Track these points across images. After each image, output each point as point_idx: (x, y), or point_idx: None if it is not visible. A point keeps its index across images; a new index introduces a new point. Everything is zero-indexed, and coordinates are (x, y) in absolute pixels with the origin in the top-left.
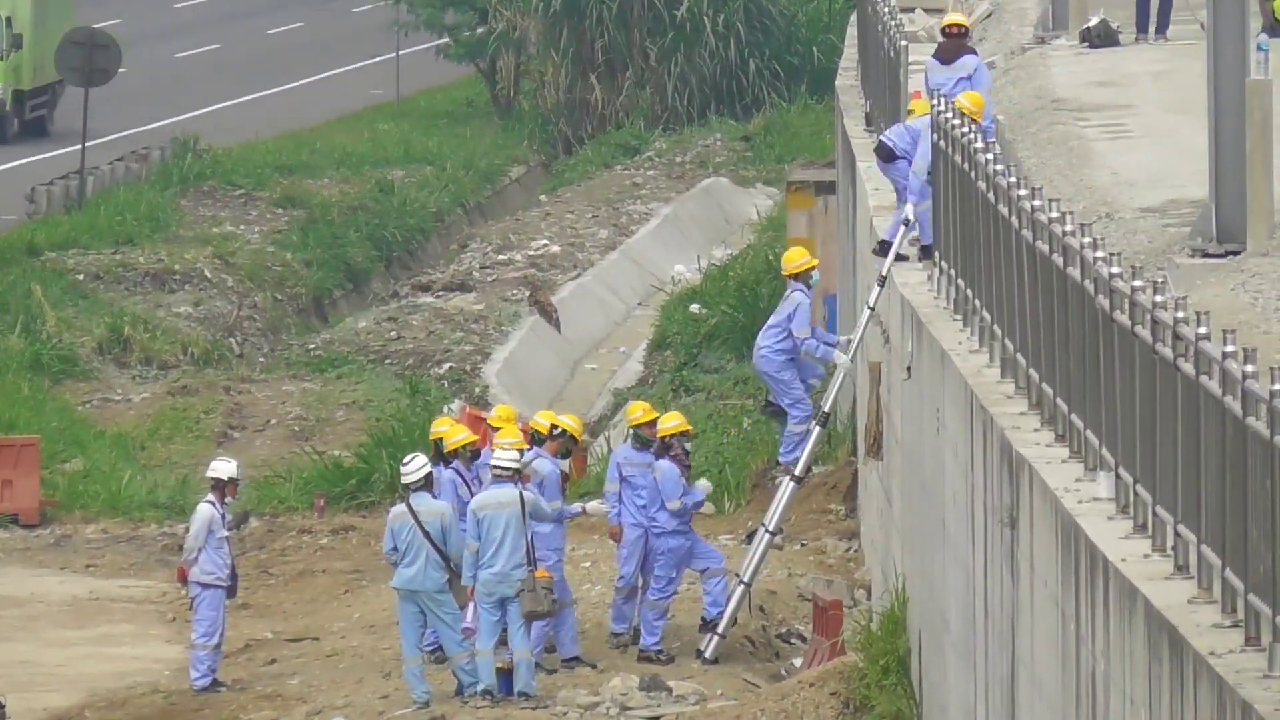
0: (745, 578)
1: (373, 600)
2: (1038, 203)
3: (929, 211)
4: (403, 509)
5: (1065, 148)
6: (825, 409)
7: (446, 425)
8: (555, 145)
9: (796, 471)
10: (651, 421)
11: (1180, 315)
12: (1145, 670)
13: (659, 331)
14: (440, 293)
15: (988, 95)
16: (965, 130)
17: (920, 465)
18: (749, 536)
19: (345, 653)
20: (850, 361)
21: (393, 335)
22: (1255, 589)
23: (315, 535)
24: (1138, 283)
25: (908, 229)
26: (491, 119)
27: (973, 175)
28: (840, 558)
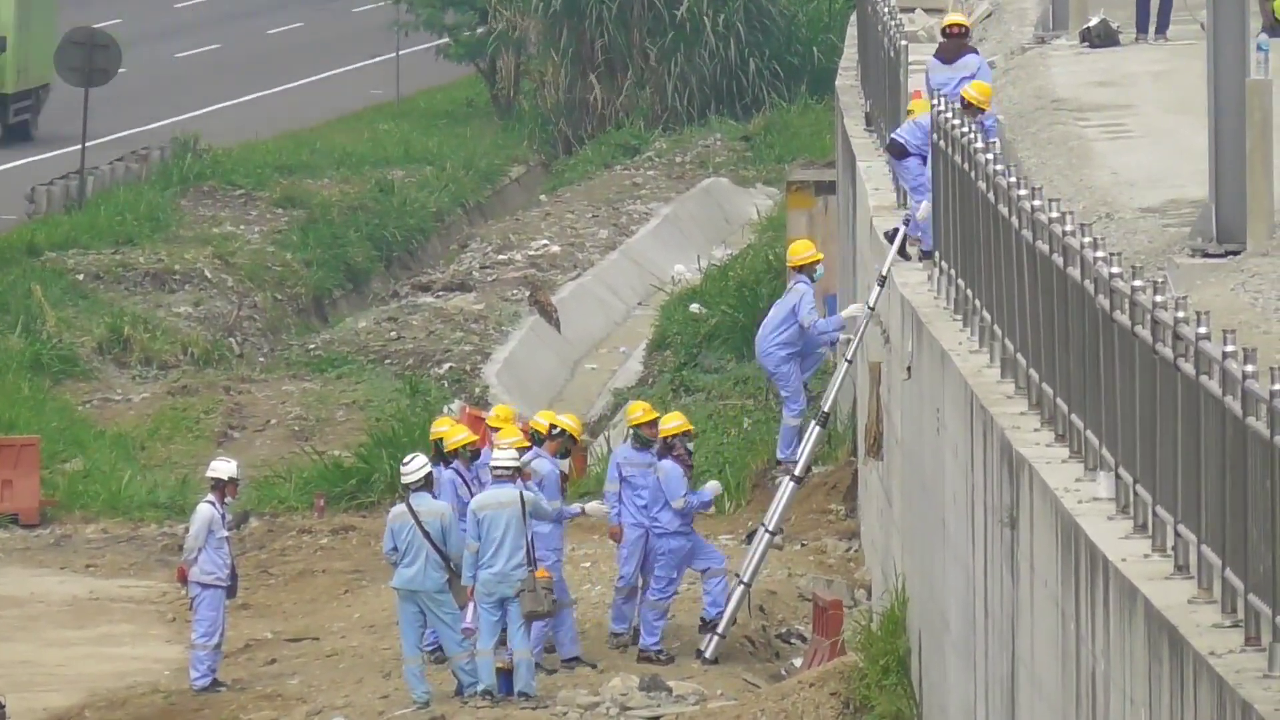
0: (745, 578)
1: (373, 600)
2: (1038, 203)
3: (930, 214)
4: (403, 509)
5: (1065, 148)
6: (825, 409)
7: (446, 425)
8: (555, 145)
9: (796, 472)
10: (651, 421)
11: (1180, 315)
12: (1145, 670)
13: (659, 331)
14: (440, 293)
15: None
16: (965, 130)
17: (920, 465)
18: (749, 536)
19: (345, 653)
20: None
21: (393, 335)
22: (1255, 589)
23: (315, 535)
24: (1138, 283)
25: (908, 228)
26: (491, 119)
27: (973, 175)
28: (840, 558)
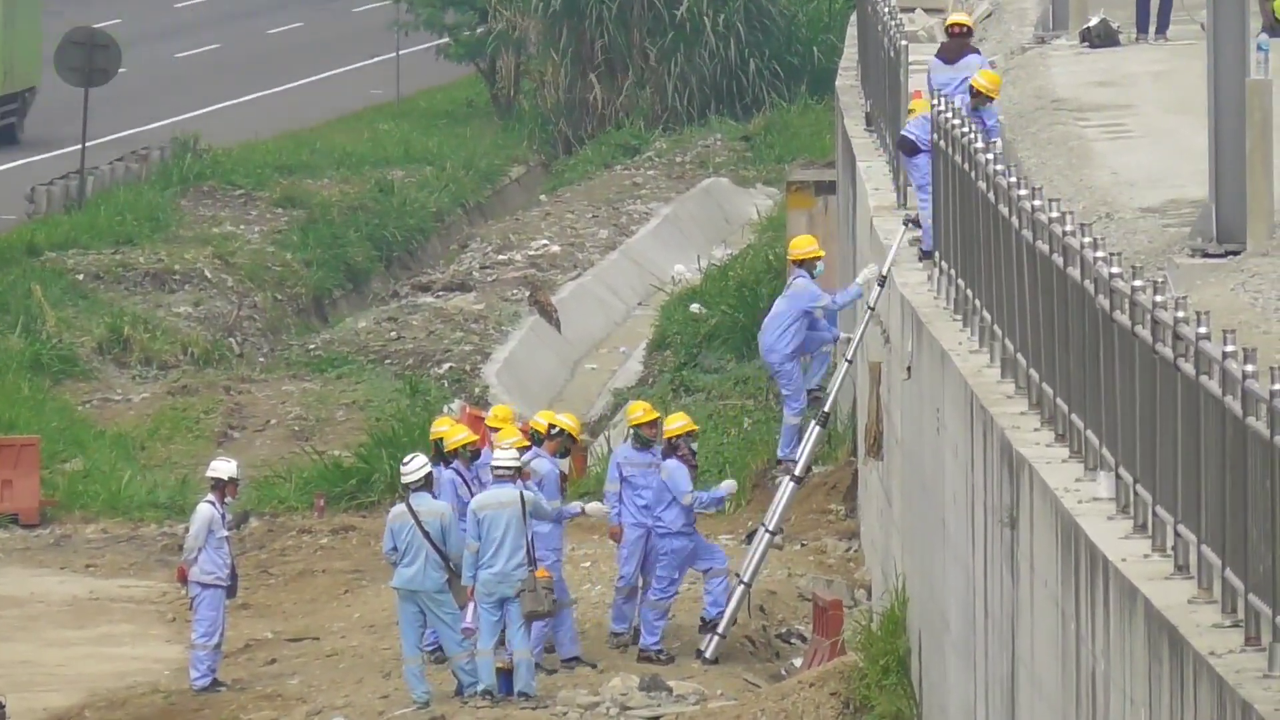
0: (745, 578)
1: (373, 600)
2: (1038, 203)
3: (930, 214)
4: (402, 509)
5: (1065, 148)
6: (825, 409)
7: (446, 425)
8: (555, 145)
9: (796, 472)
10: (652, 422)
11: (1180, 315)
12: (1145, 670)
13: (659, 331)
14: (440, 293)
15: None
16: (965, 130)
17: (920, 465)
18: (749, 536)
19: (345, 653)
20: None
21: (393, 335)
22: (1255, 589)
23: (315, 535)
24: (1138, 283)
25: (908, 228)
26: (491, 119)
27: (973, 175)
28: (840, 558)
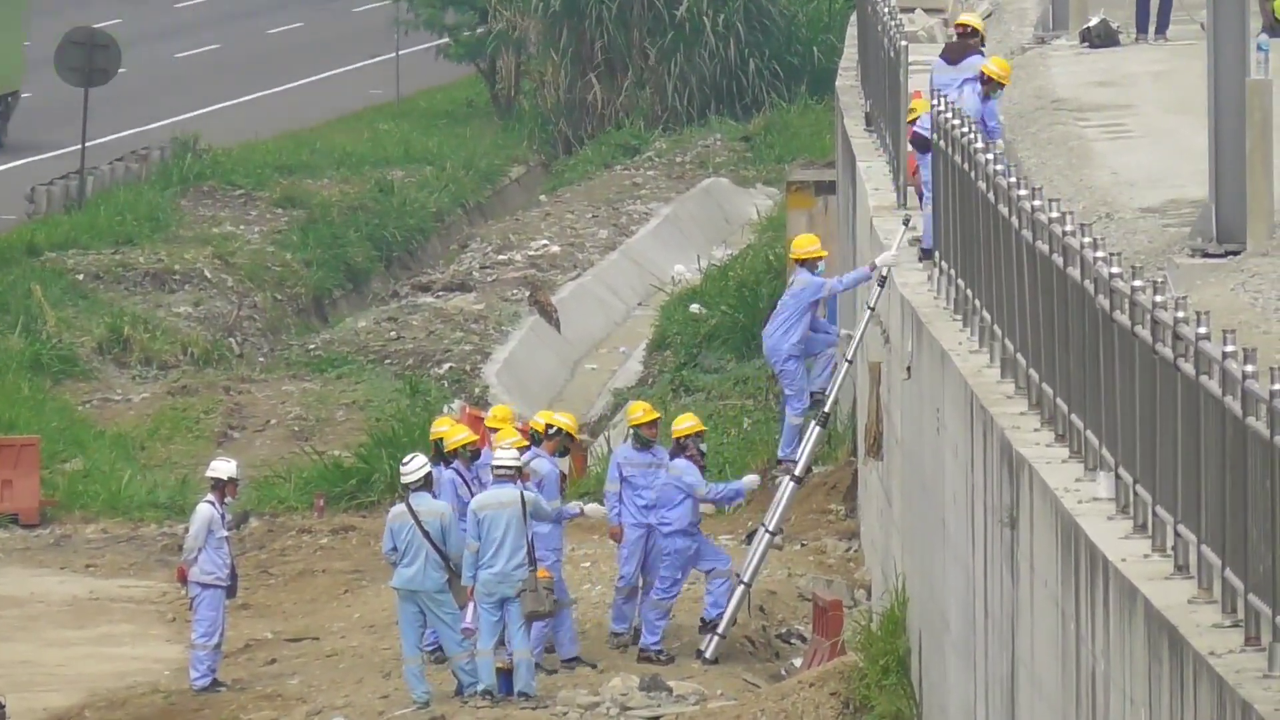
0: (745, 578)
1: (373, 600)
2: (1038, 203)
3: (930, 214)
4: (402, 509)
5: (1065, 148)
6: (825, 409)
7: (446, 425)
8: (555, 145)
9: (796, 472)
10: (652, 422)
11: (1180, 315)
12: (1145, 670)
13: (659, 331)
14: (440, 293)
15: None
16: (965, 130)
17: (920, 465)
18: (749, 536)
19: (345, 653)
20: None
21: (393, 335)
22: (1255, 589)
23: (315, 535)
24: (1138, 283)
25: (908, 228)
26: (491, 119)
27: (973, 175)
28: (840, 558)
